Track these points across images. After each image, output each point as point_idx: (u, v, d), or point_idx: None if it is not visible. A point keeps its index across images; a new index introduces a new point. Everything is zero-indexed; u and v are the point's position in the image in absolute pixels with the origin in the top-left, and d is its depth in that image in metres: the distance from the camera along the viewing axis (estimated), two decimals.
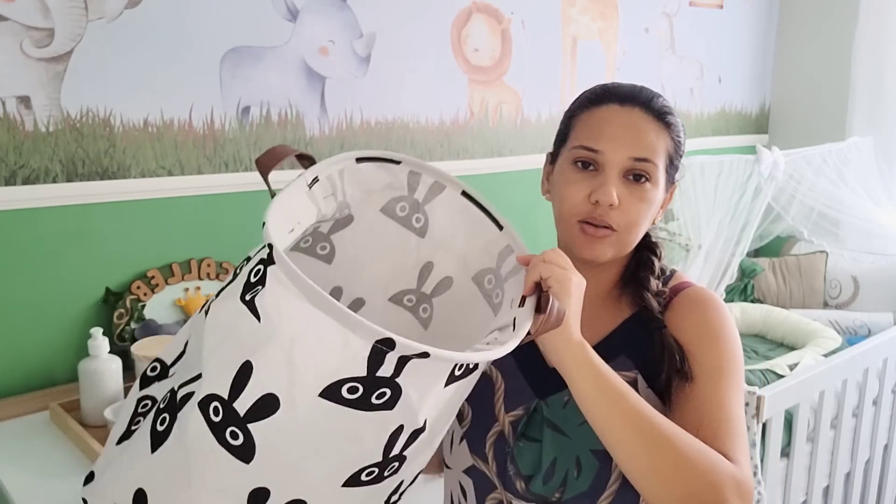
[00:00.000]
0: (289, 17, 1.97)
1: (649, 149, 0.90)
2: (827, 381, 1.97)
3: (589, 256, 0.92)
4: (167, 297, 1.85)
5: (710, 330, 0.92)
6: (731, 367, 0.89)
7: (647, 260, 0.98)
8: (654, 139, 0.91)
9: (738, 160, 2.39)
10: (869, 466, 2.32)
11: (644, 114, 0.91)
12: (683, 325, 0.93)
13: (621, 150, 0.90)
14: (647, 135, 0.91)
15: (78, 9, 1.65)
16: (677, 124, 0.94)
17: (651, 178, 0.91)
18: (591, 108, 0.94)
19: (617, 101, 0.92)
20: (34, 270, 1.67)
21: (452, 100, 2.35)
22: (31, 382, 1.69)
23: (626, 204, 0.90)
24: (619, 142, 0.90)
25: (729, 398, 0.86)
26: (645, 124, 0.91)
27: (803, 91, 3.35)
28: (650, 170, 0.90)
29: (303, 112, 2.03)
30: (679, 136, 0.95)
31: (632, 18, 2.80)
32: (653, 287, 0.96)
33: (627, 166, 0.90)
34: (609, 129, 0.91)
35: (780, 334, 2.63)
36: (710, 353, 0.90)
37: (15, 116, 1.61)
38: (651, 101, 0.93)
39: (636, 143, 0.90)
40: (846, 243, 2.97)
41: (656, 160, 0.91)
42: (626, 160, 0.90)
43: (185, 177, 1.85)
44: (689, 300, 0.96)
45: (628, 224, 0.91)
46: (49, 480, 1.30)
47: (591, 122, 0.93)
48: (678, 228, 2.38)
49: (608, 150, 0.90)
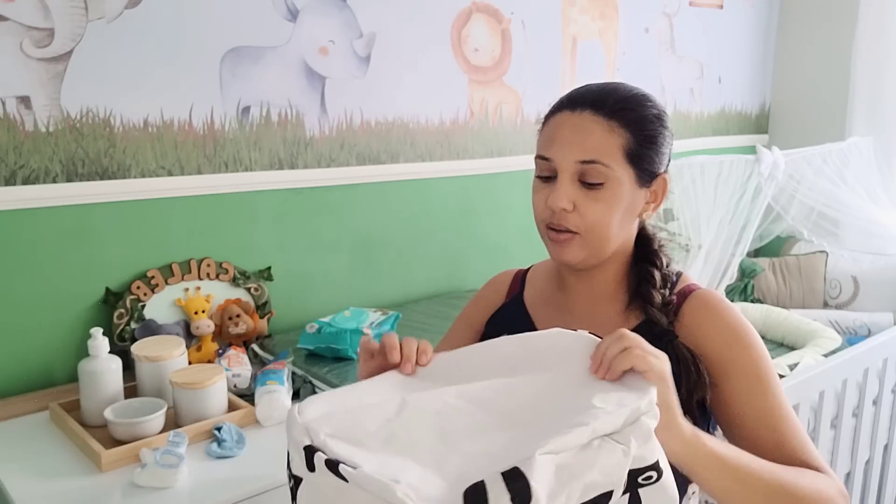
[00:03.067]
0: (289, 17, 1.97)
1: (596, 150, 0.90)
2: (827, 381, 1.97)
3: (561, 260, 0.94)
4: (167, 297, 1.85)
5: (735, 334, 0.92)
6: (769, 367, 0.91)
7: (647, 273, 0.97)
8: (600, 140, 0.90)
9: (738, 160, 2.39)
10: (869, 466, 2.32)
11: (593, 115, 0.91)
12: (703, 334, 0.93)
13: (568, 155, 0.91)
14: (592, 136, 0.90)
15: (78, 9, 1.65)
16: (639, 118, 0.92)
17: (606, 178, 0.90)
18: (550, 117, 0.96)
19: (569, 107, 0.93)
20: (34, 270, 1.67)
21: (452, 100, 2.35)
22: (31, 382, 1.69)
23: (582, 207, 0.91)
24: (566, 147, 0.91)
25: (783, 404, 0.90)
26: (592, 125, 0.91)
27: (803, 91, 3.35)
28: (601, 171, 0.90)
29: (303, 112, 2.03)
30: (644, 128, 0.92)
31: (632, 18, 2.80)
32: (657, 301, 0.95)
33: (577, 170, 0.91)
34: (558, 135, 0.92)
35: (780, 334, 2.62)
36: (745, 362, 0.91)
37: (15, 116, 1.61)
38: (603, 100, 0.92)
39: (581, 147, 0.90)
40: (846, 243, 2.97)
41: (606, 160, 0.90)
42: (574, 164, 0.90)
43: (185, 177, 1.85)
44: (702, 305, 0.95)
45: (588, 226, 0.91)
46: (49, 480, 1.30)
47: (546, 131, 0.95)
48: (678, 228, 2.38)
49: (557, 157, 0.92)
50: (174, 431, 1.34)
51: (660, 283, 0.97)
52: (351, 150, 2.14)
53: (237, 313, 1.89)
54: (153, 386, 1.53)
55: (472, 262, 2.50)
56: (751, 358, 0.91)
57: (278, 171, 2.01)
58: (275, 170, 2.00)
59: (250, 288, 1.97)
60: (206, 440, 1.42)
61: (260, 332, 1.95)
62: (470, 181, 2.44)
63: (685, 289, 0.98)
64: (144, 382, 1.54)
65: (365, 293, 2.24)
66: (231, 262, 1.94)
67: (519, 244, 2.54)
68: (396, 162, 2.24)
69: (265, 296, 1.99)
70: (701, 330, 0.93)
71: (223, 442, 1.38)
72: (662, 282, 0.97)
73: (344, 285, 2.20)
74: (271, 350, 1.87)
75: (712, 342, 0.92)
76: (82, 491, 1.27)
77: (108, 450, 1.32)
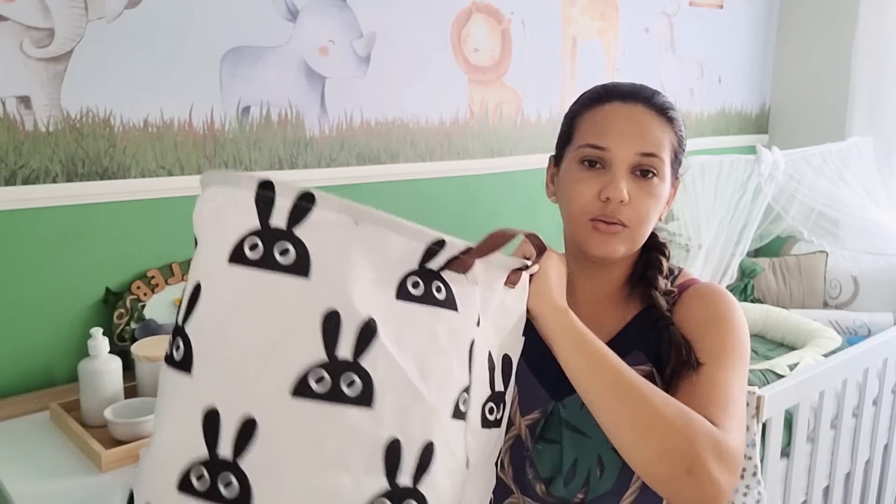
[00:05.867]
0: (289, 17, 1.97)
1: (655, 144, 0.91)
2: (827, 381, 1.97)
3: (602, 254, 0.92)
4: (167, 297, 1.85)
5: (717, 318, 0.92)
6: (734, 351, 0.89)
7: (656, 260, 0.99)
8: (659, 134, 0.92)
9: (738, 160, 2.39)
10: (869, 466, 2.32)
11: (647, 110, 0.92)
12: (690, 316, 0.93)
13: (628, 147, 0.90)
14: (652, 130, 0.91)
15: (78, 9, 1.65)
16: (679, 120, 0.96)
17: (658, 172, 0.92)
18: (594, 106, 0.94)
19: (620, 99, 0.93)
20: (34, 270, 1.67)
21: (452, 100, 2.35)
22: (31, 382, 1.69)
23: (636, 199, 0.90)
24: (626, 138, 0.91)
25: (727, 376, 0.86)
26: (649, 120, 0.92)
27: (803, 91, 3.35)
28: (657, 165, 0.91)
29: (303, 112, 2.03)
30: (681, 131, 0.96)
31: (632, 18, 2.80)
32: (661, 286, 0.96)
33: (635, 162, 0.91)
34: (614, 125, 0.91)
35: (780, 334, 2.63)
36: (714, 337, 0.90)
37: (15, 116, 1.61)
38: (653, 97, 0.94)
39: (642, 139, 0.91)
40: (846, 243, 2.97)
41: (662, 155, 0.92)
42: (634, 156, 0.90)
43: (185, 177, 1.85)
44: (698, 294, 0.96)
45: (639, 219, 0.92)
46: (49, 480, 1.30)
47: (596, 121, 0.93)
48: (678, 228, 2.38)
49: (615, 147, 0.90)
50: None
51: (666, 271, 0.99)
52: (351, 150, 2.14)
53: None
54: (153, 386, 1.53)
55: None
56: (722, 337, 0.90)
57: (278, 172, 2.01)
58: (275, 170, 2.00)
59: None
60: None
61: None
62: (470, 181, 2.44)
63: (686, 282, 0.99)
64: (144, 382, 1.54)
65: None
66: None
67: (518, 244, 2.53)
68: (396, 162, 2.24)
69: None
70: (691, 314, 0.93)
71: None
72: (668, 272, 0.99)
73: None
74: None
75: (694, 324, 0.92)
76: (82, 491, 1.27)
77: (108, 450, 1.32)
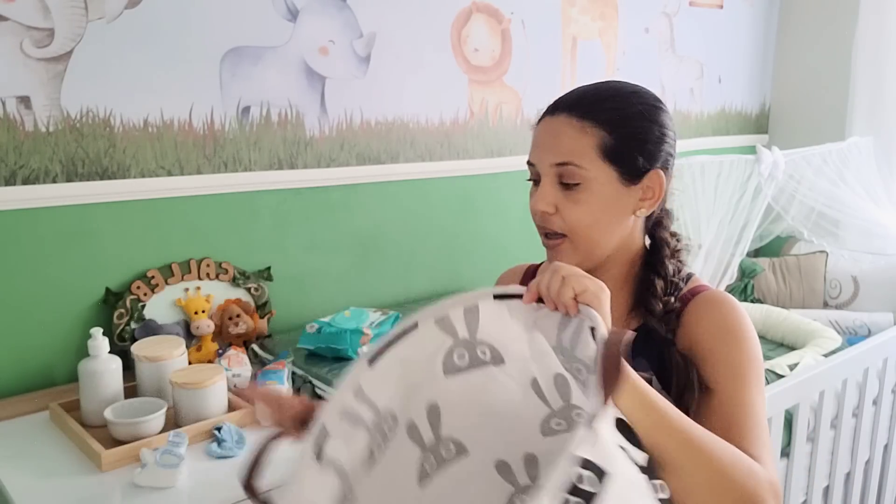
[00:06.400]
0: (289, 17, 1.97)
1: (566, 152, 0.91)
2: (827, 381, 1.97)
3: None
4: (167, 297, 1.85)
5: (728, 330, 0.91)
6: (752, 367, 0.89)
7: (649, 282, 0.97)
8: (572, 141, 0.91)
9: (738, 160, 2.39)
10: (869, 466, 2.32)
11: (567, 118, 0.93)
12: (700, 328, 0.92)
13: (545, 158, 0.94)
14: (564, 138, 0.92)
15: (78, 9, 1.65)
16: (619, 114, 0.92)
17: (582, 179, 0.91)
18: (537, 123, 0.98)
19: (549, 112, 0.96)
20: (34, 270, 1.67)
21: (452, 100, 2.35)
22: (31, 382, 1.69)
23: (564, 209, 0.93)
24: (543, 151, 0.94)
25: (752, 398, 0.87)
26: (564, 128, 0.92)
27: (803, 91, 3.35)
28: (575, 172, 0.91)
29: (303, 112, 2.03)
30: (625, 124, 0.92)
31: (632, 18, 2.80)
32: (657, 311, 0.95)
33: (555, 172, 0.93)
34: (538, 140, 0.96)
35: (780, 334, 2.63)
36: (730, 353, 0.89)
37: (15, 116, 1.61)
38: (578, 102, 0.94)
39: (555, 149, 0.92)
40: (846, 243, 2.97)
41: (579, 161, 0.91)
42: (550, 167, 0.93)
43: (185, 177, 1.85)
44: (704, 304, 0.95)
45: (573, 227, 0.93)
46: (49, 480, 1.30)
47: (532, 138, 0.98)
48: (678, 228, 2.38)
49: (537, 161, 0.95)
50: (174, 431, 1.34)
51: (662, 292, 0.96)
52: (351, 150, 2.14)
53: (237, 313, 1.89)
54: (153, 386, 1.53)
55: (473, 262, 2.50)
56: (737, 352, 0.90)
57: (278, 171, 2.01)
58: (274, 170, 2.00)
59: (250, 288, 1.97)
60: (206, 440, 1.42)
61: (260, 332, 1.95)
62: (470, 181, 2.44)
63: (694, 289, 0.97)
64: (144, 382, 1.54)
65: (365, 293, 2.24)
66: (231, 262, 1.94)
67: (519, 244, 2.53)
68: (396, 162, 2.24)
69: (265, 296, 1.99)
70: (700, 325, 0.93)
71: (223, 442, 1.38)
72: (666, 289, 0.97)
73: (344, 285, 2.20)
74: (271, 350, 1.87)
75: (706, 336, 0.91)
76: (82, 491, 1.27)
77: (108, 450, 1.32)
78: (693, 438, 0.76)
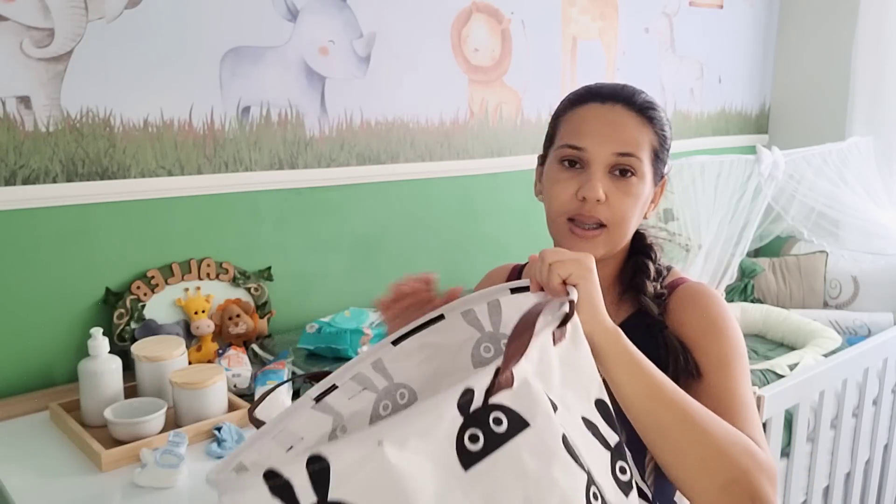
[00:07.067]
0: (289, 17, 1.97)
1: (632, 143, 0.92)
2: (827, 381, 1.97)
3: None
4: (167, 297, 1.85)
5: (712, 323, 0.93)
6: (737, 356, 0.91)
7: (643, 265, 0.99)
8: (636, 134, 0.93)
9: (738, 160, 2.39)
10: (869, 466, 2.32)
11: (626, 110, 0.93)
12: (685, 321, 0.94)
13: (605, 146, 0.92)
14: (629, 130, 0.93)
15: (78, 9, 1.65)
16: (660, 119, 0.96)
17: (636, 172, 0.93)
18: (575, 108, 0.97)
19: (599, 100, 0.95)
20: (34, 270, 1.67)
21: (452, 100, 2.35)
22: (31, 382, 1.69)
23: (614, 199, 0.92)
24: (602, 138, 0.92)
25: (739, 385, 0.88)
26: (627, 120, 0.93)
27: (803, 91, 3.35)
28: (635, 164, 0.92)
29: (303, 112, 2.03)
30: (663, 130, 0.96)
31: (632, 18, 2.80)
32: (650, 291, 0.97)
33: (612, 162, 0.92)
34: (592, 126, 0.93)
35: (780, 334, 2.63)
36: (715, 345, 0.91)
37: (15, 116, 1.61)
38: (632, 97, 0.95)
39: (619, 139, 0.92)
40: (846, 243, 2.97)
41: (640, 154, 0.92)
42: (610, 156, 0.92)
43: (185, 177, 1.85)
44: (687, 296, 0.97)
45: (617, 219, 0.93)
46: (49, 480, 1.30)
47: (575, 121, 0.95)
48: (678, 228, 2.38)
49: (592, 147, 0.92)
50: (174, 431, 1.34)
51: (654, 274, 0.99)
52: (351, 150, 2.14)
53: (237, 313, 1.89)
54: (153, 386, 1.53)
55: (473, 261, 2.50)
56: (722, 344, 0.91)
57: (278, 171, 2.01)
58: (275, 170, 2.00)
59: (250, 288, 1.97)
60: (206, 440, 1.42)
61: (260, 332, 1.95)
62: (470, 181, 2.44)
63: (675, 282, 0.99)
64: (144, 382, 1.54)
65: (365, 293, 2.24)
66: (231, 262, 1.94)
67: (519, 244, 2.53)
68: (396, 162, 2.24)
69: (265, 296, 1.99)
70: (682, 318, 0.94)
71: (223, 442, 1.38)
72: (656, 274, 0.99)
73: (344, 285, 2.20)
74: (271, 350, 1.87)
75: (691, 331, 0.92)
76: (82, 491, 1.27)
77: (108, 450, 1.32)
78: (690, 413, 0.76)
